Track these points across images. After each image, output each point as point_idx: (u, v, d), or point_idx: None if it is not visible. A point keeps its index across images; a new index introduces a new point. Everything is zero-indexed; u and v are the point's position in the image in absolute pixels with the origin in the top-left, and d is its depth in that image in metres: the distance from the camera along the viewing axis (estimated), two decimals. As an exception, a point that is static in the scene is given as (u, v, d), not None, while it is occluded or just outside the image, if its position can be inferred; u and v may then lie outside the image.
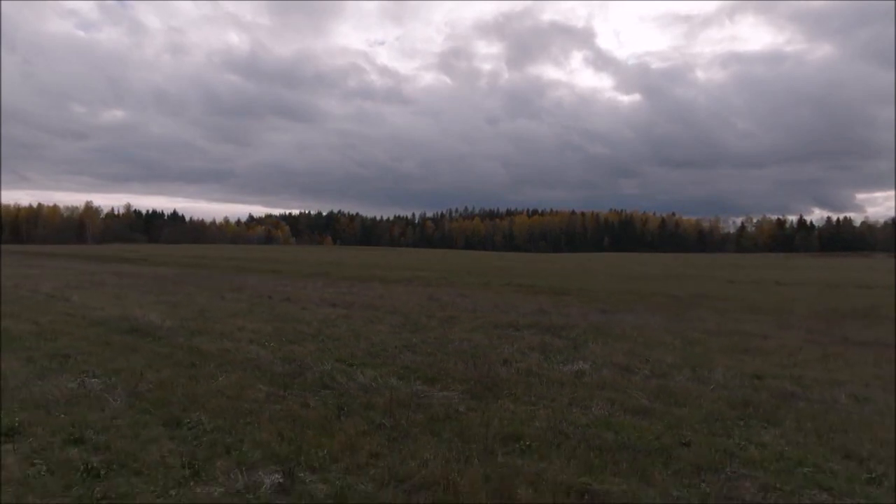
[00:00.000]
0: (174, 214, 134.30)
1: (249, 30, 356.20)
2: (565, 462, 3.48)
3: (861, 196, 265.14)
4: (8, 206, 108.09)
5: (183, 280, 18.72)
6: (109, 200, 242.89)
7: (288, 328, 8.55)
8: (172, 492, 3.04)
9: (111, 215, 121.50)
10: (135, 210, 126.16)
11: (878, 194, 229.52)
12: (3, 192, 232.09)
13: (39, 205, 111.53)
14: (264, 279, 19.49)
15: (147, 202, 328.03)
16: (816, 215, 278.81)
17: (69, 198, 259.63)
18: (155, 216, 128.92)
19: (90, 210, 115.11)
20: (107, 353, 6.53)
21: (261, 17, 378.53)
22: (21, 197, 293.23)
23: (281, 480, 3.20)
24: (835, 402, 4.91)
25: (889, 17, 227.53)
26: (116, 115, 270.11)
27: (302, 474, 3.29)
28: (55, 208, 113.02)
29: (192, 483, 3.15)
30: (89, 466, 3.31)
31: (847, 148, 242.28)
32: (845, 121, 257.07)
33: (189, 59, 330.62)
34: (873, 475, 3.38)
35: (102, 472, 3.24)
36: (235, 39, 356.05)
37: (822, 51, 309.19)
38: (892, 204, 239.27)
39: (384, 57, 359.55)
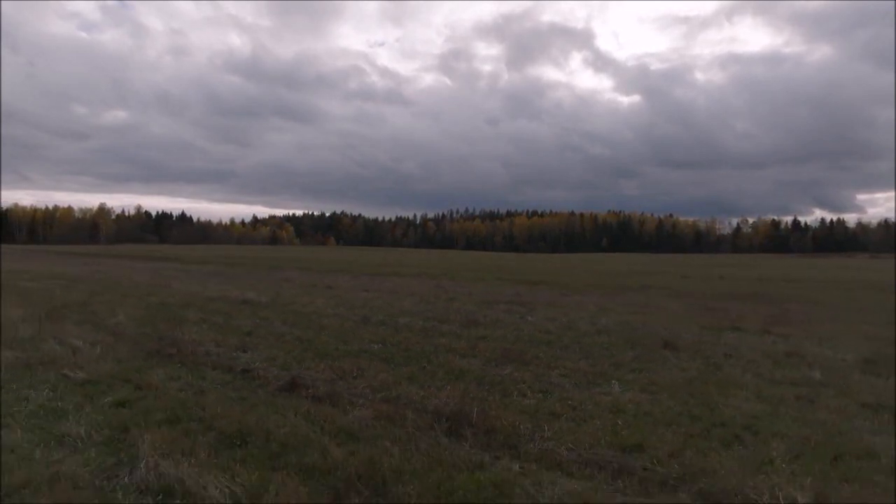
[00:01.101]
0: (182, 215, 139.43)
1: (250, 31, 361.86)
2: (503, 343, 7.99)
3: (862, 197, 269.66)
4: (25, 208, 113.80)
5: (234, 274, 23.25)
6: (110, 201, 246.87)
7: (344, 302, 13.05)
8: (342, 346, 7.56)
9: (122, 217, 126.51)
10: (145, 211, 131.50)
11: (879, 195, 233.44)
12: (5, 193, 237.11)
13: (55, 207, 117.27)
14: (300, 274, 24.00)
15: (148, 202, 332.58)
16: (817, 216, 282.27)
17: (70, 198, 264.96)
18: (164, 217, 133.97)
19: (103, 211, 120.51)
20: (246, 312, 11.02)
21: (262, 18, 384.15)
22: (22, 197, 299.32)
23: (381, 345, 7.73)
24: (650, 329, 9.40)
25: (887, 19, 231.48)
26: (118, 115, 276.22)
27: (390, 344, 7.80)
28: (69, 209, 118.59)
29: (344, 345, 7.66)
30: (301, 341, 7.83)
31: (847, 149, 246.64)
32: (845, 122, 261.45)
33: (190, 60, 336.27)
34: (635, 350, 7.87)
35: (309, 342, 7.75)
36: (237, 41, 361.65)
37: (821, 52, 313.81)
38: (893, 205, 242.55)
39: (384, 58, 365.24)
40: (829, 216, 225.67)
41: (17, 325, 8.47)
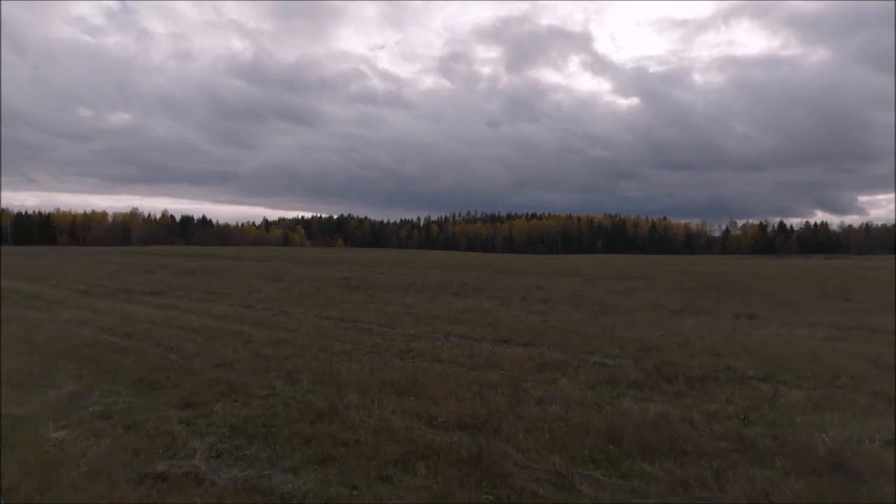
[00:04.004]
0: (203, 219, 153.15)
1: (252, 36, 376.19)
2: (475, 286, 20.93)
3: (863, 199, 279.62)
4: (66, 213, 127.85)
5: (311, 266, 36.15)
6: (114, 202, 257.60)
7: (396, 279, 25.93)
8: (412, 285, 20.51)
9: (149, 220, 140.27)
10: (171, 215, 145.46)
11: (881, 197, 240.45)
12: (11, 194, 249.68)
13: (93, 211, 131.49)
14: (349, 267, 36.89)
15: (151, 203, 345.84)
16: (819, 217, 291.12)
17: (74, 199, 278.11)
18: (187, 220, 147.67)
19: (134, 215, 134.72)
20: (354, 281, 23.90)
21: (263, 22, 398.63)
22: (26, 198, 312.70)
23: (427, 286, 20.72)
24: (540, 285, 22.27)
25: (884, 21, 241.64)
26: (122, 117, 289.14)
27: (430, 286, 20.74)
28: (104, 214, 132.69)
29: (413, 285, 20.59)
30: (395, 285, 20.78)
31: (847, 150, 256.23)
32: (844, 124, 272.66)
33: (193, 64, 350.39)
34: (523, 290, 20.77)
35: (400, 285, 20.70)
36: (239, 45, 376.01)
37: (818, 55, 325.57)
38: (894, 206, 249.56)
39: (385, 61, 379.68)
40: (832, 218, 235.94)
41: (263, 281, 21.46)
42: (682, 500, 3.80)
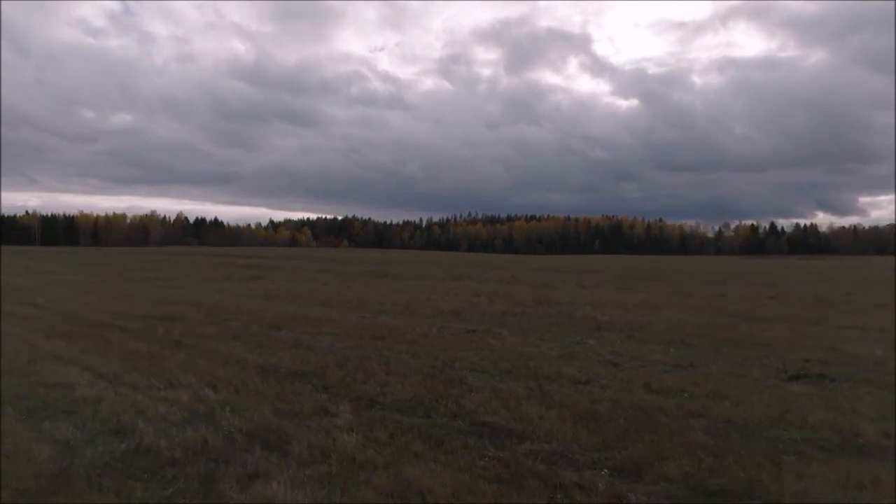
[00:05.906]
0: (215, 220, 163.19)
1: (253, 38, 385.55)
2: (470, 275, 30.57)
3: (864, 199, 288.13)
4: (89, 214, 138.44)
5: (331, 263, 45.76)
6: (116, 203, 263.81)
7: (412, 271, 35.56)
8: (427, 274, 30.17)
9: (165, 221, 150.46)
10: (185, 217, 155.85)
11: (882, 197, 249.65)
12: (13, 195, 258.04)
13: (115, 213, 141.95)
14: (369, 265, 46.51)
15: (153, 204, 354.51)
16: (820, 219, 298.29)
17: (76, 200, 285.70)
18: (200, 222, 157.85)
19: (153, 217, 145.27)
20: (395, 269, 33.55)
21: (264, 24, 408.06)
22: (29, 199, 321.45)
23: (434, 277, 30.37)
24: (512, 274, 31.83)
25: (882, 23, 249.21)
26: (125, 119, 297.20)
27: (436, 278, 30.38)
28: (123, 216, 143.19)
29: (428, 273, 30.22)
30: (414, 275, 30.42)
31: (846, 152, 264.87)
32: (843, 125, 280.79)
33: (195, 65, 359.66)
34: (495, 277, 30.38)
35: (420, 274, 30.33)
36: (241, 48, 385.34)
37: (816, 56, 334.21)
38: (894, 207, 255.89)
39: (385, 63, 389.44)
40: (833, 220, 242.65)
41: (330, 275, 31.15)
42: (521, 326, 13.34)
